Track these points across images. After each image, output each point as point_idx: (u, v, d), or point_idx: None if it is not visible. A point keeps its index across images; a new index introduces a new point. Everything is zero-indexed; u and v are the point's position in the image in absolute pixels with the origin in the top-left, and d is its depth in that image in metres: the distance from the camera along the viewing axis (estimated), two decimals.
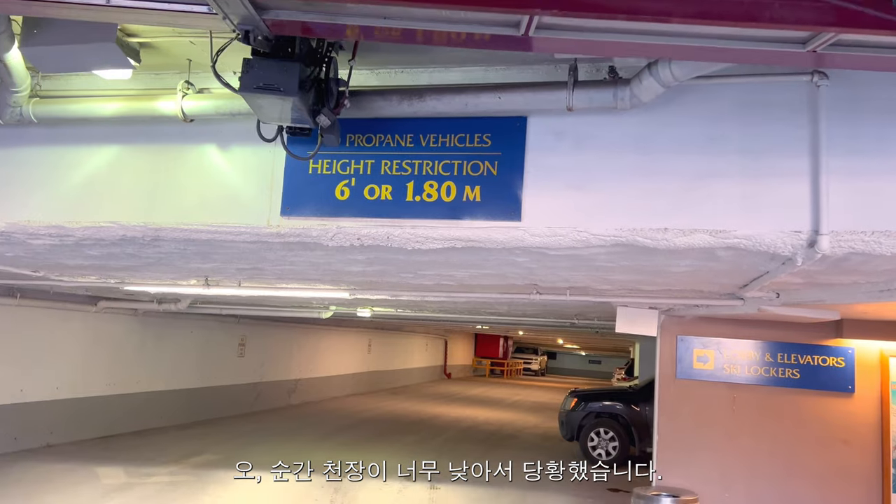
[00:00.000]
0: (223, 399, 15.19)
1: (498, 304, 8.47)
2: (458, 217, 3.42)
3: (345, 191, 3.55)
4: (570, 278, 4.89)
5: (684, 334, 6.23)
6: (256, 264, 5.13)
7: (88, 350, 11.60)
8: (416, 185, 3.48)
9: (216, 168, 3.75)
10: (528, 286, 5.64)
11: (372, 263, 4.67)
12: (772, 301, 5.05)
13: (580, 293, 5.68)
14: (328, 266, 4.94)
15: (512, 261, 4.13)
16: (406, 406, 20.31)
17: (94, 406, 11.65)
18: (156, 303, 10.99)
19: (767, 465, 5.99)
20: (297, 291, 7.09)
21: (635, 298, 5.71)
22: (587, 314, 9.77)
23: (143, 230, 3.84)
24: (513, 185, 3.37)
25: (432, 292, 6.16)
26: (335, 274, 5.50)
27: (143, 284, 7.13)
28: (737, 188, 3.15)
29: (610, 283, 5.08)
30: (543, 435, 15.99)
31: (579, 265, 4.16)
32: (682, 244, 3.23)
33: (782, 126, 3.14)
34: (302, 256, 4.47)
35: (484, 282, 5.42)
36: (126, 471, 9.47)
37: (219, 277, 6.38)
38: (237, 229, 3.70)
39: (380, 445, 12.97)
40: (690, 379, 6.19)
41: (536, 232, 3.35)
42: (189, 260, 5.06)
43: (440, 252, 3.88)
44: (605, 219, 3.27)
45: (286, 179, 3.64)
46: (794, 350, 6.02)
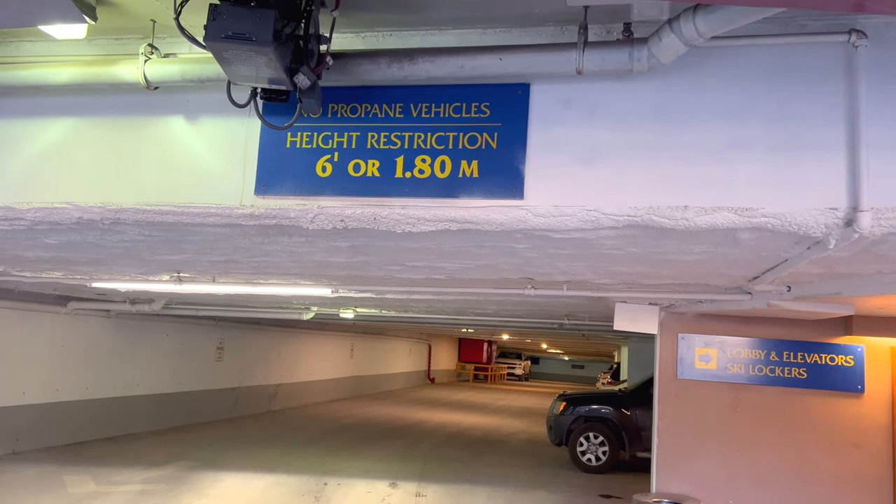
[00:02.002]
0: (201, 404, 14.71)
1: (487, 303, 8.12)
2: (454, 195, 3.06)
3: (326, 167, 3.19)
4: (570, 270, 4.55)
5: (685, 332, 5.91)
6: (230, 255, 4.74)
7: (58, 353, 11.09)
8: (406, 159, 3.12)
9: (183, 142, 3.37)
10: (522, 280, 5.30)
11: (356, 253, 4.30)
12: (782, 295, 4.74)
13: (578, 288, 5.35)
14: (308, 257, 4.57)
15: (510, 248, 3.78)
16: (390, 411, 19.90)
17: (64, 411, 11.14)
18: (129, 303, 10.54)
19: (773, 470, 5.68)
20: (275, 288, 6.70)
21: (635, 293, 5.38)
22: (578, 314, 9.45)
23: (101, 211, 3.45)
24: (514, 159, 3.02)
25: (421, 287, 5.79)
26: (316, 267, 5.12)
27: (112, 280, 6.70)
28: (765, 162, 2.83)
29: (611, 276, 4.74)
30: (530, 440, 15.70)
31: (582, 253, 3.82)
32: (703, 224, 2.90)
33: (816, 93, 2.81)
34: (279, 244, 4.09)
35: (476, 275, 5.07)
36: (95, 479, 8.99)
37: (191, 273, 5.97)
38: (206, 210, 3.32)
39: (364, 451, 12.56)
40: (692, 379, 5.87)
41: (541, 212, 3.01)
42: (157, 250, 4.66)
43: (432, 237, 3.52)
44: (618, 196, 2.93)
45: (261, 154, 3.27)
46: (801, 348, 5.72)
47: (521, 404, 25.41)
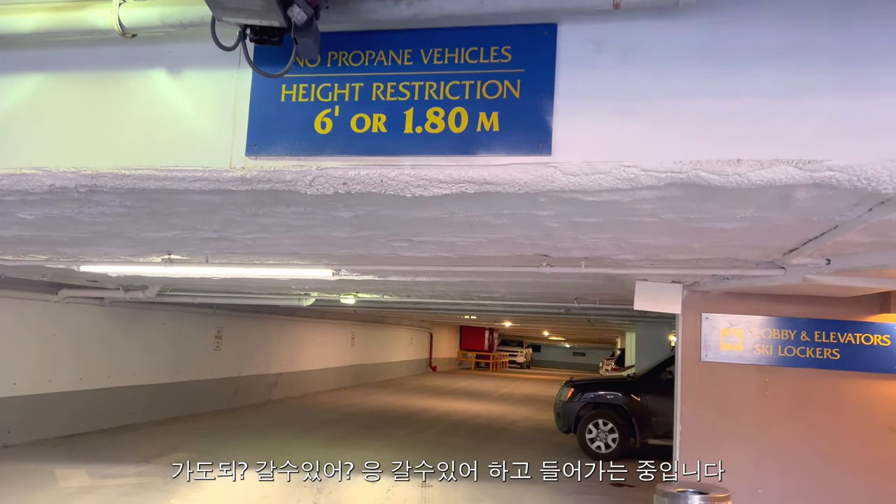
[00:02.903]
0: (199, 394, 14.39)
1: (496, 285, 7.76)
2: (471, 152, 2.69)
3: (326, 122, 2.81)
4: (591, 243, 4.18)
5: (709, 312, 5.55)
6: (223, 231, 4.37)
7: (50, 343, 10.74)
8: (416, 112, 2.74)
9: (164, 98, 3.00)
10: (537, 257, 4.94)
11: (360, 226, 3.93)
12: (820, 269, 4.38)
13: (596, 265, 4.99)
14: (307, 231, 4.20)
15: (530, 216, 3.42)
16: (392, 400, 19.60)
17: (56, 403, 10.80)
18: (122, 290, 10.18)
19: (805, 457, 5.34)
20: (273, 270, 6.34)
21: (657, 270, 5.02)
22: (589, 296, 9.10)
23: (75, 177, 3.08)
24: (540, 110, 2.64)
25: (427, 267, 5.43)
26: (316, 244, 4.76)
27: (101, 263, 6.34)
28: (831, 107, 2.46)
29: (635, 250, 4.38)
30: (535, 427, 15.42)
31: (611, 221, 3.46)
32: (757, 180, 2.53)
33: (890, 26, 2.44)
34: (275, 216, 3.72)
35: (489, 252, 4.70)
36: (89, 472, 8.67)
37: (183, 254, 5.61)
38: (191, 174, 2.95)
39: (366, 441, 12.24)
40: (717, 361, 5.51)
41: (571, 169, 2.64)
42: (142, 226, 4.29)
43: (445, 203, 3.16)
44: (660, 150, 2.56)
45: (252, 110, 2.89)
46: (834, 328, 5.36)
47: (525, 392, 25.16)
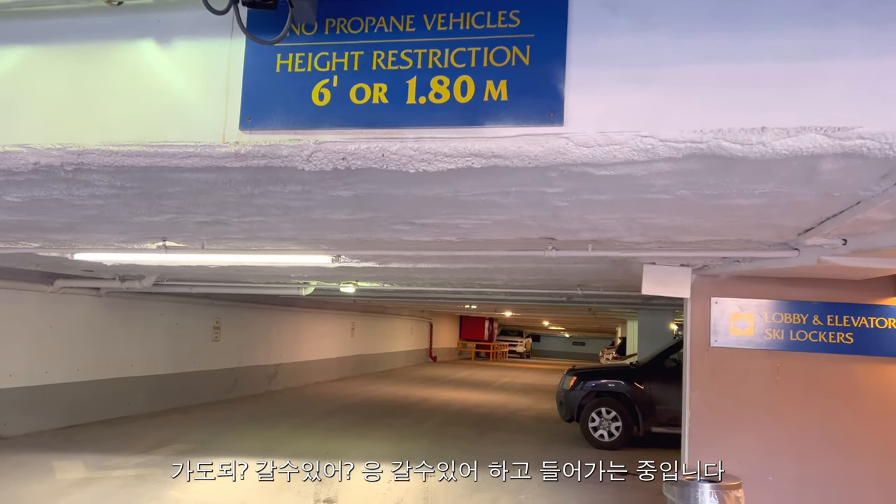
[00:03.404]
0: (198, 385, 14.27)
1: (498, 272, 7.62)
2: (478, 123, 2.54)
3: (324, 93, 2.66)
4: (600, 224, 4.04)
5: (719, 296, 5.41)
6: (218, 214, 4.22)
7: (46, 334, 10.61)
8: (419, 82, 2.59)
9: (153, 70, 2.84)
10: (542, 240, 4.79)
11: (360, 207, 3.78)
12: (836, 250, 4.23)
13: (604, 248, 4.84)
14: (306, 214, 4.05)
15: (539, 195, 3.27)
16: (393, 390, 19.50)
17: (53, 394, 10.68)
18: (118, 280, 10.03)
19: (818, 443, 5.22)
20: (271, 257, 6.19)
21: (666, 253, 4.88)
22: (592, 282, 8.95)
23: (60, 154, 2.93)
24: (551, 77, 2.49)
25: (430, 252, 5.28)
26: (315, 228, 4.61)
27: (94, 251, 6.19)
28: (862, 71, 2.31)
29: (644, 231, 4.24)
30: (537, 417, 15.33)
31: (623, 199, 3.31)
32: (782, 150, 2.39)
33: None
34: (272, 196, 3.57)
35: (493, 235, 4.56)
36: (86, 464, 8.55)
37: (177, 239, 5.46)
38: (183, 149, 2.80)
39: (367, 430, 12.13)
40: (727, 347, 5.37)
41: (584, 140, 2.49)
42: (135, 209, 4.14)
43: (450, 179, 3.01)
44: (678, 118, 2.41)
45: (246, 81, 2.74)
46: (847, 311, 5.23)
47: (525, 381, 25.09)
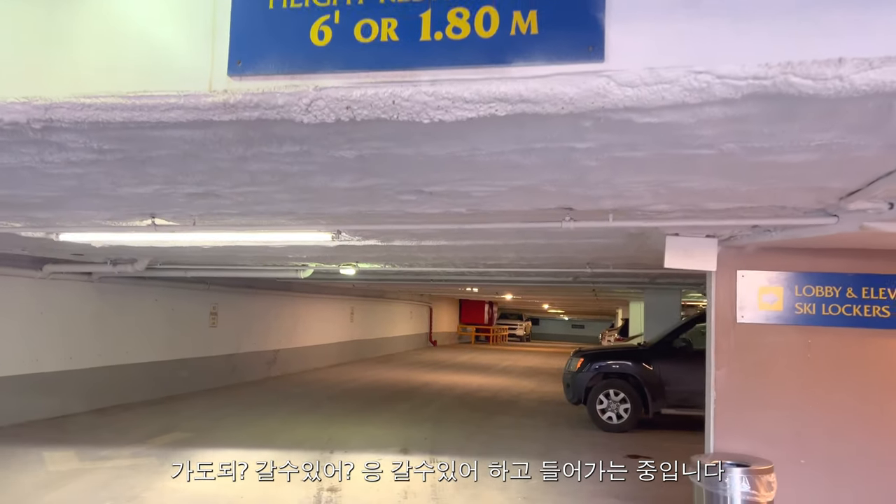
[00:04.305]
0: (195, 372, 13.96)
1: (506, 249, 7.28)
2: (504, 61, 2.20)
3: (324, 31, 2.31)
4: (627, 189, 3.70)
5: (746, 269, 5.08)
6: (209, 184, 3.88)
7: (36, 321, 10.27)
8: (435, 14, 2.24)
9: (129, 12, 2.49)
10: (559, 211, 4.46)
11: (365, 172, 3.44)
12: (881, 214, 3.90)
13: (625, 218, 4.50)
14: (304, 181, 3.70)
15: (567, 151, 2.92)
16: (394, 375, 19.23)
17: (45, 383, 10.36)
18: (110, 264, 9.68)
19: (852, 424, 4.91)
20: (267, 234, 5.85)
21: (692, 222, 4.54)
22: (603, 260, 8.63)
23: (25, 109, 2.58)
24: (589, 5, 2.14)
25: (437, 225, 4.94)
26: (314, 199, 4.27)
27: (80, 230, 5.84)
28: None
29: (673, 197, 3.90)
30: (541, 399, 15.08)
31: (658, 157, 2.96)
32: (862, 84, 2.05)
33: None
34: (266, 160, 3.22)
35: (506, 204, 4.22)
36: (79, 454, 8.24)
37: (167, 216, 5.11)
38: (164, 100, 2.45)
39: (369, 416, 11.85)
40: (755, 323, 5.05)
41: (628, 78, 2.15)
42: (118, 179, 3.79)
43: (468, 133, 2.66)
44: (740, 51, 2.07)
45: (235, 19, 2.38)
46: (884, 283, 4.90)
47: (527, 364, 24.87)
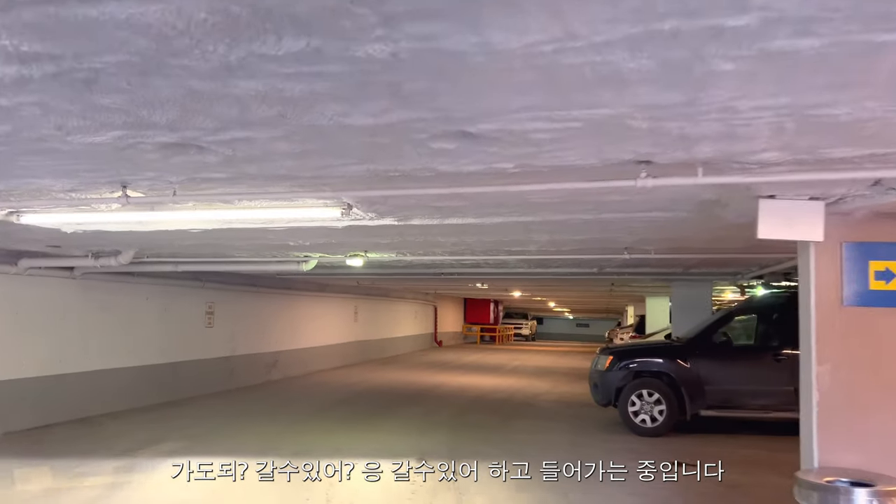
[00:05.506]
0: (191, 376, 13.01)
1: (541, 230, 6.32)
2: None
3: None
4: (746, 123, 2.75)
5: (854, 240, 4.14)
6: (185, 126, 2.91)
7: (13, 321, 9.33)
8: None
9: None
10: (632, 166, 3.51)
11: (394, 96, 2.49)
12: None
13: (717, 172, 3.55)
14: (311, 119, 2.75)
15: (712, 32, 1.97)
16: (401, 376, 18.29)
17: (22, 390, 9.40)
18: (91, 257, 8.74)
19: None
20: (263, 212, 4.91)
21: (803, 175, 3.59)
22: (644, 244, 7.67)
23: None
24: None
25: (473, 188, 3.99)
26: (322, 149, 3.31)
27: (41, 208, 4.90)
28: None
29: (795, 136, 2.95)
30: (559, 401, 14.17)
31: (834, 51, 2.02)
32: None
33: None
34: (258, 71, 2.26)
35: (570, 153, 3.26)
36: (55, 470, 7.29)
37: (142, 185, 4.16)
38: None
39: (379, 422, 10.89)
40: (866, 306, 4.12)
41: None
42: (63, 118, 2.83)
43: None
44: None
45: None
46: None
47: (537, 364, 24.00)
